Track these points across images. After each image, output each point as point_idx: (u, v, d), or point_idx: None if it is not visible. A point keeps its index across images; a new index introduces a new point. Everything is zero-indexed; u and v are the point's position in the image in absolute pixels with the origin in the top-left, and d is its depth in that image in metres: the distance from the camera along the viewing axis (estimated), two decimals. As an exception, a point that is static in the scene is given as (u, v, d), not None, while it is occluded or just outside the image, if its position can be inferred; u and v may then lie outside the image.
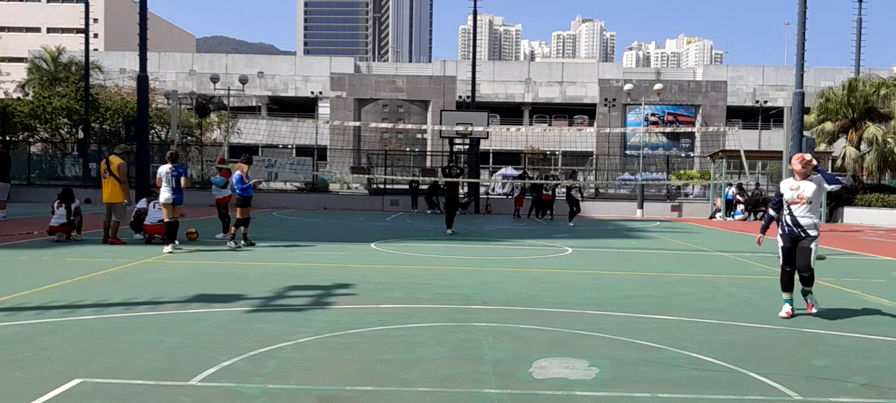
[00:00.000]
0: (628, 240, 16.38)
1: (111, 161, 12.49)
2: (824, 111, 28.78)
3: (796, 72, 18.34)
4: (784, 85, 58.31)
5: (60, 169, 34.11)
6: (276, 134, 34.46)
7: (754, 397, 4.30)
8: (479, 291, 8.03)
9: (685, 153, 50.53)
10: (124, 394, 4.09)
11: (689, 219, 26.95)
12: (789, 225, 6.78)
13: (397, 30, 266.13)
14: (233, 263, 10.31)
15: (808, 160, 6.69)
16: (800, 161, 6.71)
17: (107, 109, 38.77)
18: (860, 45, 37.36)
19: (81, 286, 7.82)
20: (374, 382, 4.38)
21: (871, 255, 13.95)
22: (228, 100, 40.38)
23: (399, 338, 5.62)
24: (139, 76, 20.10)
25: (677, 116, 54.18)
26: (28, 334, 5.53)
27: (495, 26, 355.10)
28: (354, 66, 66.57)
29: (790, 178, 6.89)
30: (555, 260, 11.72)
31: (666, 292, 8.44)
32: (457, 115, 28.79)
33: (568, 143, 52.02)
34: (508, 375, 4.59)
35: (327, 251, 12.21)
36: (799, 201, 6.69)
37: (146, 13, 19.84)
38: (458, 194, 19.07)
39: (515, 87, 62.04)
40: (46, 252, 10.89)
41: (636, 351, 5.33)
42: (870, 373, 4.86)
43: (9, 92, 47.27)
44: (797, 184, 6.73)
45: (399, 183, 29.93)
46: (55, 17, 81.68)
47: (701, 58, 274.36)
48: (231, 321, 6.18)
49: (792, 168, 6.78)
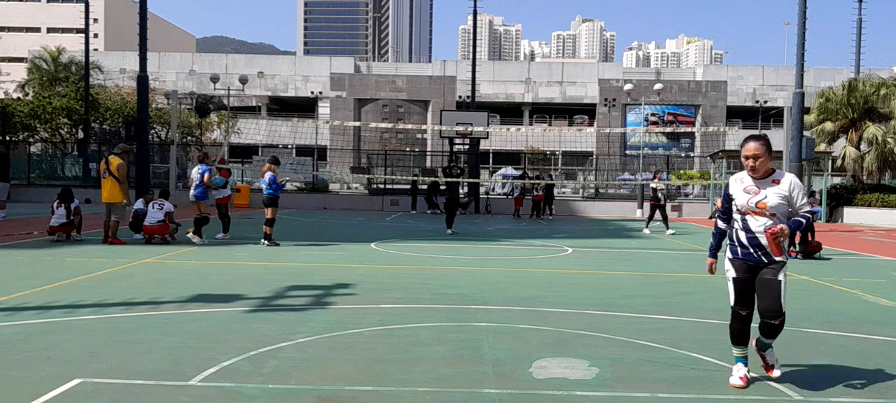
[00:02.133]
0: (628, 240, 16.38)
1: (111, 161, 12.50)
2: (824, 111, 28.80)
3: (796, 73, 18.36)
4: (784, 85, 58.30)
5: (60, 169, 34.12)
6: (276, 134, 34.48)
7: (754, 397, 4.29)
8: (479, 291, 8.03)
9: (685, 153, 50.54)
10: (124, 394, 4.09)
11: (690, 219, 26.94)
12: (744, 245, 4.45)
13: (397, 30, 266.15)
14: (233, 263, 10.31)
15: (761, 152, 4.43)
16: (756, 150, 4.43)
17: (107, 109, 38.76)
18: (860, 45, 37.40)
19: (81, 286, 7.82)
20: (374, 382, 4.38)
21: (871, 255, 13.95)
22: (228, 100, 40.38)
23: (399, 338, 5.62)
24: (139, 76, 20.12)
25: (677, 116, 54.18)
26: (28, 334, 5.53)
27: (495, 26, 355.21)
28: (354, 66, 66.58)
29: (743, 174, 4.56)
30: (555, 260, 11.72)
31: (666, 292, 8.43)
32: (457, 115, 28.80)
33: (568, 143, 52.00)
34: (508, 375, 4.59)
35: (327, 251, 12.21)
36: (758, 211, 4.40)
37: (146, 13, 19.86)
38: (458, 194, 19.07)
39: (515, 87, 62.05)
40: (46, 252, 10.89)
41: (636, 351, 5.33)
42: (870, 373, 4.85)
43: (9, 92, 47.26)
44: (755, 187, 4.46)
45: (399, 183, 29.93)
46: (55, 17, 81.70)
47: (701, 58, 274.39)
48: (231, 321, 6.18)
49: (746, 158, 4.48)
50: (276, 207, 12.95)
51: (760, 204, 4.38)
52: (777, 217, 4.38)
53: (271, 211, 12.81)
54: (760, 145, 4.45)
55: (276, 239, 12.88)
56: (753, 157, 4.45)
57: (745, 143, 4.50)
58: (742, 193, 4.49)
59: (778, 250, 4.36)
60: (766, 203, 4.38)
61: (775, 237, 4.29)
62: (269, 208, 12.85)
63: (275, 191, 12.90)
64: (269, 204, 12.87)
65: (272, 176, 12.91)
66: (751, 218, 4.42)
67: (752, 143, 4.47)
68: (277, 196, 12.98)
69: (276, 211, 12.93)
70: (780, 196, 4.40)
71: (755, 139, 4.47)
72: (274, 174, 12.96)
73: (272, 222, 12.86)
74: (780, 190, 4.41)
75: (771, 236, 4.31)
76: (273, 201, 12.86)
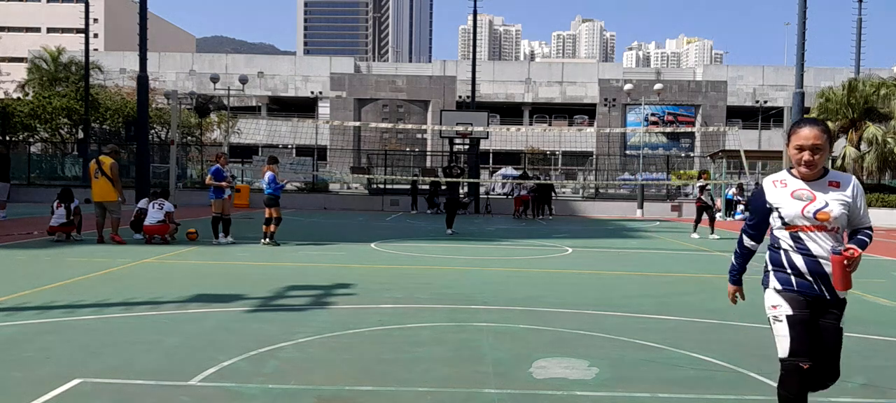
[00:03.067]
0: (628, 240, 16.38)
1: (103, 161, 12.57)
2: (824, 111, 28.82)
3: (796, 73, 18.37)
4: (784, 85, 58.29)
5: (60, 169, 34.14)
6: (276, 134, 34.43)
7: (754, 397, 4.29)
8: (479, 291, 8.03)
9: (685, 153, 50.55)
10: (124, 394, 4.09)
11: (690, 219, 26.93)
12: (801, 273, 3.16)
13: (397, 30, 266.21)
14: (233, 263, 10.31)
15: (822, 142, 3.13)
16: (817, 138, 3.12)
17: (107, 109, 38.79)
18: (860, 45, 37.41)
19: (81, 286, 7.82)
20: (374, 382, 4.38)
21: (871, 255, 13.94)
22: (228, 100, 40.36)
23: (399, 338, 5.62)
24: (139, 76, 20.12)
25: (677, 116, 54.19)
26: (28, 334, 5.53)
27: (495, 26, 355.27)
28: (354, 66, 66.60)
29: (782, 174, 3.29)
30: (555, 260, 11.72)
31: (666, 292, 8.43)
32: (457, 115, 28.82)
33: (568, 143, 51.99)
34: (508, 375, 4.59)
35: (327, 251, 12.21)
36: (820, 225, 3.11)
37: (146, 13, 19.86)
38: (458, 194, 19.08)
39: (515, 87, 62.05)
40: (46, 252, 10.89)
41: (636, 351, 5.33)
42: (870, 373, 4.85)
43: (9, 92, 47.26)
44: (808, 190, 3.16)
45: (399, 183, 29.93)
46: (55, 17, 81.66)
47: (701, 58, 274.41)
48: (231, 321, 6.18)
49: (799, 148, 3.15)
50: (278, 207, 12.99)
51: (821, 215, 3.10)
52: (839, 232, 3.14)
53: (274, 211, 12.84)
54: (821, 132, 3.14)
55: (275, 239, 12.87)
56: (812, 149, 3.13)
57: (797, 129, 3.19)
58: (790, 200, 3.17)
59: (846, 283, 3.06)
60: (828, 213, 3.10)
61: (850, 265, 3.02)
62: (269, 208, 12.88)
63: (275, 191, 12.96)
64: (269, 204, 12.91)
65: (271, 175, 12.96)
66: (808, 235, 3.12)
67: (810, 129, 3.15)
68: (278, 196, 13.03)
69: (278, 211, 12.96)
70: (842, 204, 3.13)
71: (812, 124, 3.18)
72: (274, 174, 13.00)
73: (272, 221, 12.88)
74: (843, 196, 3.14)
75: (843, 264, 3.01)
76: (274, 201, 12.91)
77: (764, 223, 3.33)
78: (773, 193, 3.24)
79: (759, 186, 3.35)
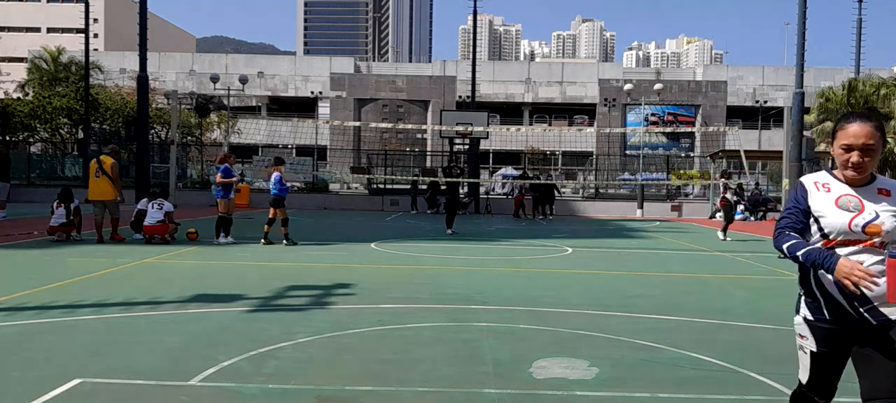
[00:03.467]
0: (628, 240, 16.38)
1: (103, 160, 12.65)
2: (824, 111, 28.87)
3: (796, 73, 18.37)
4: (784, 85, 58.27)
5: (60, 169, 34.11)
6: (275, 134, 34.40)
7: (754, 397, 4.29)
8: (479, 291, 8.03)
9: (685, 153, 50.54)
10: (124, 394, 4.09)
11: (689, 219, 26.93)
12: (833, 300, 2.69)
13: (397, 30, 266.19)
14: (233, 263, 10.31)
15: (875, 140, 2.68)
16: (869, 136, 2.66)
17: (107, 109, 38.76)
18: (860, 45, 37.37)
19: (81, 286, 7.82)
20: (374, 382, 4.38)
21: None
22: (228, 100, 40.35)
23: (399, 338, 5.62)
24: (139, 76, 20.11)
25: (677, 116, 54.19)
26: (28, 334, 5.53)
27: (495, 26, 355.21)
28: (354, 66, 66.58)
29: (822, 176, 2.82)
30: (555, 260, 11.72)
31: (666, 292, 8.43)
32: (457, 115, 28.82)
33: (568, 143, 51.99)
34: (508, 375, 4.59)
35: (327, 251, 12.21)
36: (867, 239, 2.63)
37: (146, 13, 19.86)
38: (458, 194, 19.08)
39: (515, 87, 62.03)
40: (46, 252, 10.89)
41: (636, 351, 5.32)
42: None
43: (9, 92, 47.26)
44: (856, 199, 2.70)
45: (399, 183, 29.93)
46: (55, 17, 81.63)
47: (701, 58, 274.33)
48: (231, 321, 6.18)
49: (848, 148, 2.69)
50: (284, 208, 13.00)
51: (871, 228, 2.60)
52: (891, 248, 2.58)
53: (280, 211, 12.88)
54: (874, 130, 2.67)
55: (272, 239, 12.87)
56: (862, 150, 2.67)
57: (845, 124, 2.72)
58: (834, 209, 2.67)
59: None
60: (879, 226, 2.60)
61: None
62: (274, 208, 12.91)
63: (282, 192, 12.99)
64: (275, 204, 12.93)
65: (278, 176, 12.99)
66: (850, 252, 2.61)
67: (860, 125, 2.67)
68: (283, 196, 13.06)
69: (285, 212, 12.99)
70: (895, 216, 2.64)
71: (864, 119, 2.70)
72: (280, 174, 13.03)
73: (275, 221, 12.91)
74: (895, 207, 2.66)
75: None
76: (280, 202, 12.93)
77: (804, 231, 2.74)
78: (817, 198, 2.73)
79: (801, 185, 2.82)
